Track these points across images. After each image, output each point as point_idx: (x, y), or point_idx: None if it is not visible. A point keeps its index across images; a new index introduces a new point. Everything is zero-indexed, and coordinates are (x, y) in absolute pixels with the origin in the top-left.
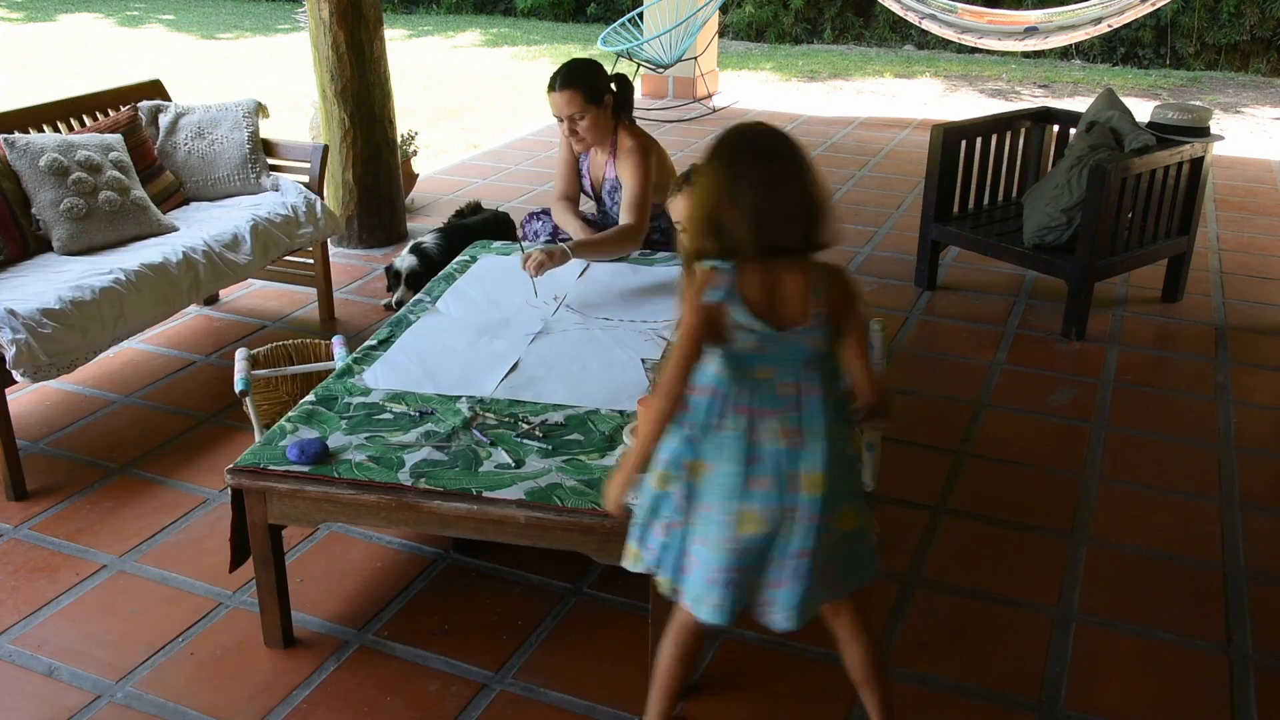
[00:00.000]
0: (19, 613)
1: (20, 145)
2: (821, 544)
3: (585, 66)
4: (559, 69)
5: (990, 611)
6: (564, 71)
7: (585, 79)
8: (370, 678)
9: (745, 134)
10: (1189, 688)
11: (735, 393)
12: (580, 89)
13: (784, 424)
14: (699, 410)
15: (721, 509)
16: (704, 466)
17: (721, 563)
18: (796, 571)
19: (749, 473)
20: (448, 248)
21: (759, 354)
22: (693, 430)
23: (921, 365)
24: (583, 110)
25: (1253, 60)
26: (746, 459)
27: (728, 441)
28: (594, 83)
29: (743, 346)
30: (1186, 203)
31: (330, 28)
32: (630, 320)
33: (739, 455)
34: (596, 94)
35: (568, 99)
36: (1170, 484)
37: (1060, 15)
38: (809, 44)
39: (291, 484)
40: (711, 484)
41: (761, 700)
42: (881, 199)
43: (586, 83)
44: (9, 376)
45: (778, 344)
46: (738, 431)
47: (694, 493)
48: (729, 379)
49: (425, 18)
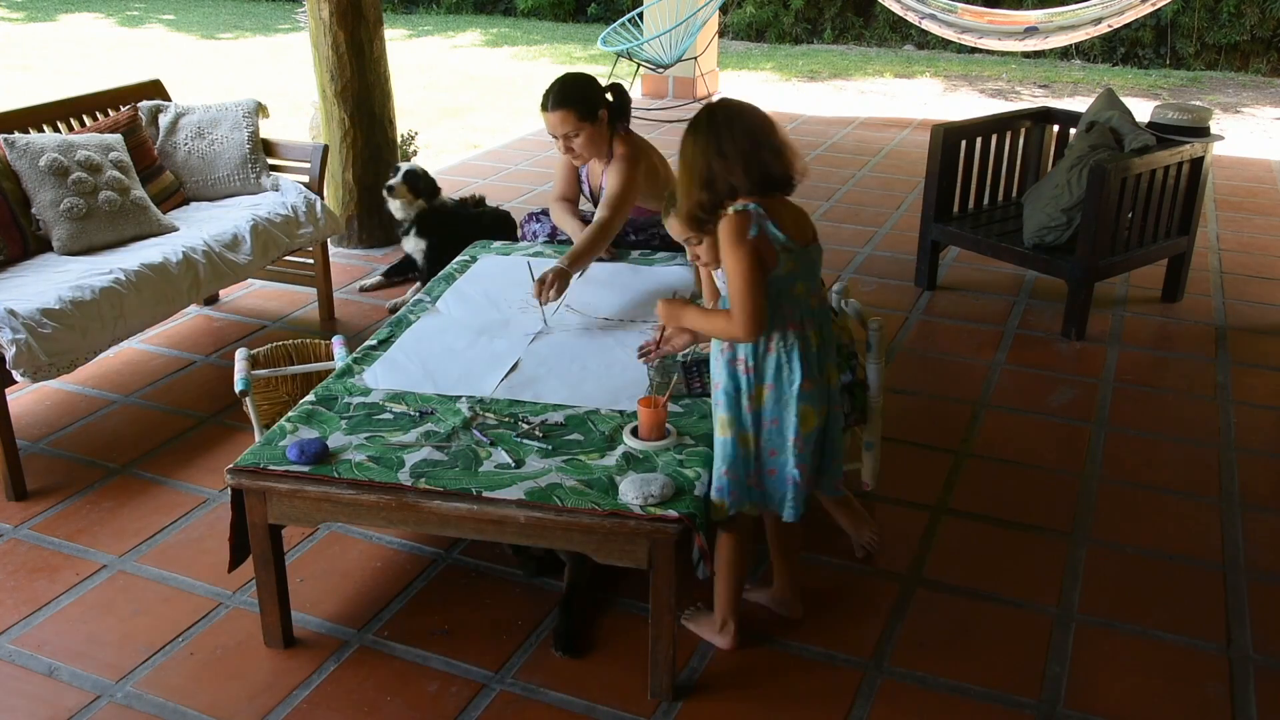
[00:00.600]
0: (19, 613)
1: (20, 145)
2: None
3: (577, 83)
4: (551, 87)
5: (990, 611)
6: (556, 90)
7: (578, 96)
8: (370, 678)
9: (713, 104)
10: (1189, 688)
11: (779, 313)
12: (573, 107)
13: (818, 330)
14: (747, 347)
15: (787, 417)
16: (764, 389)
17: (794, 464)
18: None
19: (804, 377)
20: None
21: (794, 273)
22: (746, 366)
23: (921, 365)
24: (577, 128)
25: (1253, 60)
26: (802, 368)
27: (777, 359)
28: (587, 99)
29: (784, 268)
30: (1186, 203)
31: (330, 28)
32: (630, 320)
33: (794, 366)
34: (590, 110)
35: (560, 118)
36: (1170, 484)
37: (1060, 15)
38: (809, 44)
39: (291, 484)
40: (772, 400)
41: (761, 700)
42: (881, 199)
43: (579, 100)
44: (9, 376)
45: (804, 259)
46: (788, 347)
47: (758, 417)
48: (772, 304)
49: (425, 18)
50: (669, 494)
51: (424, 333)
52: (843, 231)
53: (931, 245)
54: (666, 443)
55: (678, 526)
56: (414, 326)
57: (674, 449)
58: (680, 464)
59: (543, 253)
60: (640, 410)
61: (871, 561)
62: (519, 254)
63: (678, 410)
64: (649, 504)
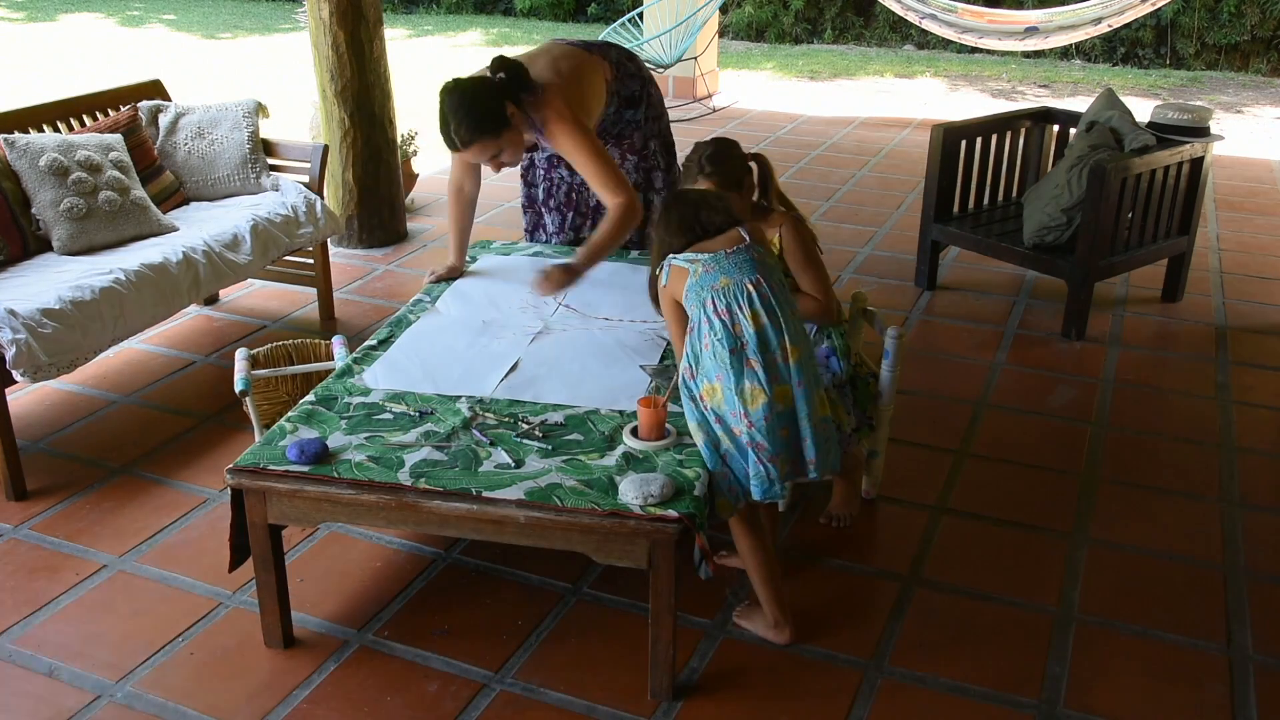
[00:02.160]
0: (19, 613)
1: (20, 145)
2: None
3: (468, 103)
4: (444, 123)
5: (990, 611)
6: (454, 125)
7: (479, 118)
8: (370, 678)
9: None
10: (1189, 688)
11: (705, 309)
12: (485, 135)
13: (754, 314)
14: (689, 351)
15: (731, 401)
16: (714, 386)
17: (749, 438)
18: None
19: (742, 355)
20: None
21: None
22: (690, 371)
23: (921, 365)
24: (497, 146)
25: (1253, 60)
26: (732, 348)
27: (713, 351)
28: (489, 114)
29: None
30: (1186, 203)
31: (330, 28)
32: (630, 320)
33: (727, 347)
34: (498, 121)
35: (478, 151)
36: (1170, 484)
37: (1060, 15)
38: (809, 44)
39: (291, 484)
40: (727, 389)
41: (761, 700)
42: (881, 199)
43: (482, 120)
44: (9, 376)
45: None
46: (719, 337)
47: (721, 412)
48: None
49: (425, 18)
50: (669, 494)
51: (424, 333)
52: (843, 231)
53: (931, 245)
54: (666, 442)
55: (678, 526)
56: (414, 326)
57: (674, 449)
58: (680, 464)
59: (542, 252)
60: (640, 410)
61: (856, 545)
62: (519, 254)
63: (677, 410)
64: (649, 504)
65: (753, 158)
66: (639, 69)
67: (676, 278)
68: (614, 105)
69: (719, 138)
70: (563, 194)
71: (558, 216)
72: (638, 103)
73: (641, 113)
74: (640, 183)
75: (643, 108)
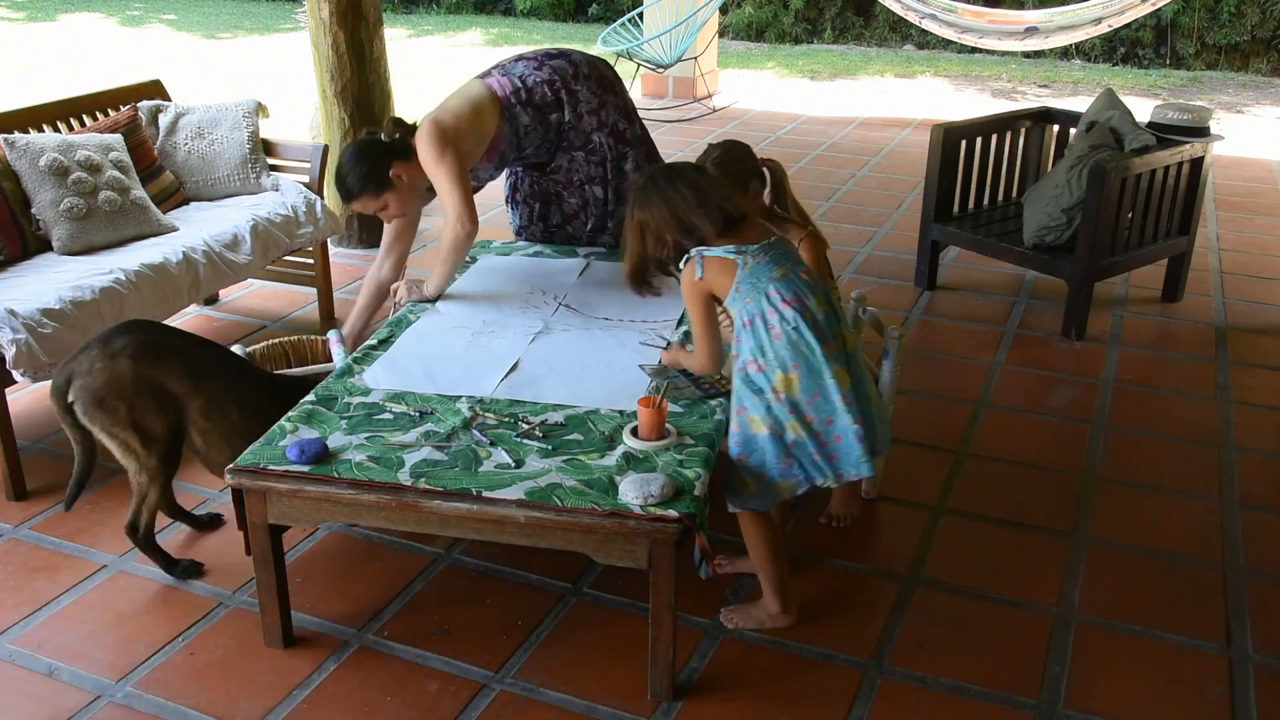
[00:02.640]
0: (19, 613)
1: (20, 145)
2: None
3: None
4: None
5: (990, 611)
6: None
7: (364, 175)
8: (370, 678)
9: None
10: (1189, 688)
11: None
12: (365, 190)
13: (820, 300)
14: (753, 344)
15: (825, 383)
16: (790, 376)
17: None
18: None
19: (821, 342)
20: None
21: (766, 263)
22: (758, 365)
23: (921, 365)
24: (381, 202)
25: (1253, 60)
26: (815, 335)
27: (788, 339)
28: (371, 175)
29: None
30: (1186, 203)
31: (330, 28)
32: (630, 320)
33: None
34: (383, 181)
35: (363, 204)
36: (1170, 484)
37: (1060, 15)
38: (809, 44)
39: (291, 484)
40: (805, 377)
41: (761, 700)
42: (881, 199)
43: (367, 177)
44: (9, 376)
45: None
46: (793, 325)
47: (794, 403)
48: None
49: (425, 18)
50: (669, 494)
51: (424, 333)
52: (843, 231)
53: (931, 245)
54: (666, 443)
55: (678, 526)
56: (414, 326)
57: (674, 449)
58: (680, 464)
59: (543, 251)
60: (640, 410)
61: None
62: (519, 254)
63: (678, 410)
64: (649, 504)
65: (765, 163)
66: (551, 77)
67: (720, 271)
68: (527, 117)
69: (730, 140)
70: (527, 187)
71: (525, 210)
72: (556, 106)
73: (569, 111)
74: (596, 175)
75: (568, 107)
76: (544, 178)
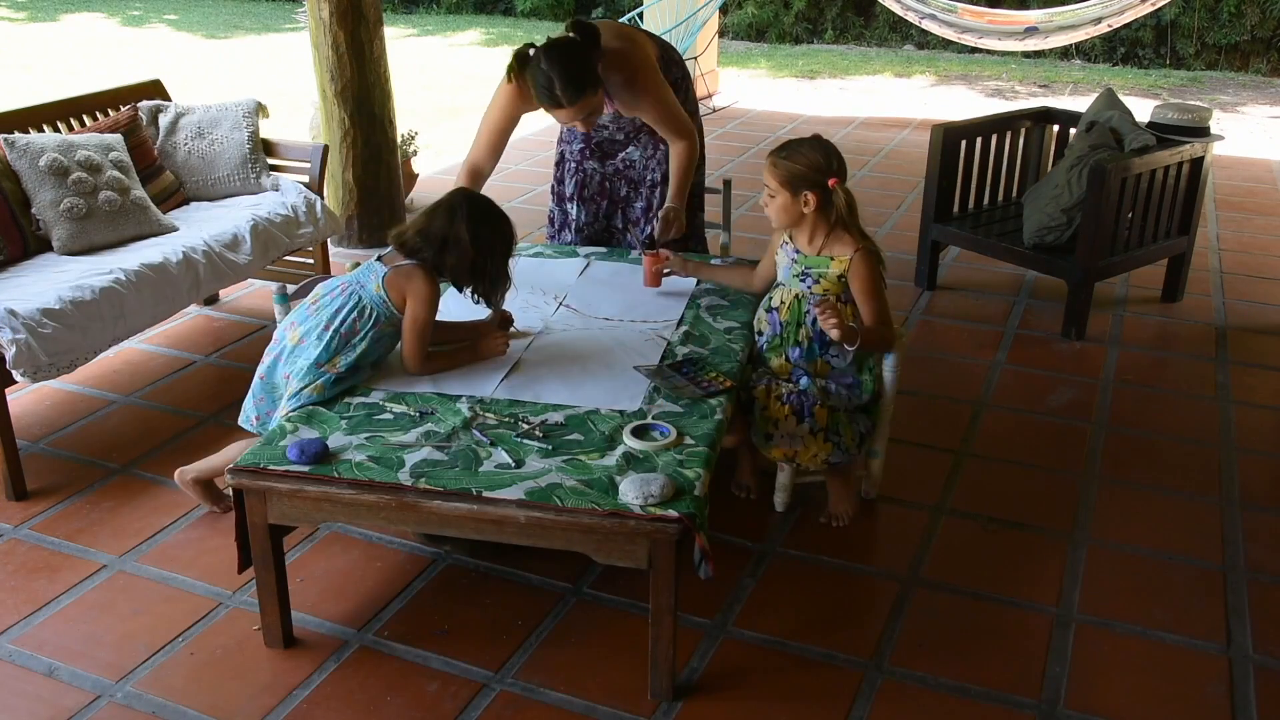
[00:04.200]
0: (19, 613)
1: (20, 145)
2: None
3: (568, 60)
4: (546, 79)
5: (990, 611)
6: (559, 82)
7: (581, 75)
8: (370, 678)
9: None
10: (1189, 688)
11: None
12: (584, 92)
13: None
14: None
15: None
16: None
17: None
18: None
19: None
20: None
21: None
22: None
23: (921, 365)
24: (595, 103)
25: (1253, 60)
26: None
27: None
28: (590, 69)
29: None
30: (1186, 203)
31: (330, 28)
32: (630, 320)
33: None
34: (597, 79)
35: (580, 108)
36: (1170, 484)
37: (1060, 15)
38: (809, 44)
39: (292, 484)
40: None
41: (761, 700)
42: (881, 199)
43: (584, 77)
44: (9, 376)
45: None
46: None
47: None
48: None
49: (425, 18)
50: (669, 494)
51: None
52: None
53: (931, 245)
54: (666, 443)
55: (678, 526)
56: None
57: (674, 449)
58: (680, 464)
59: (543, 251)
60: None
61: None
62: (519, 254)
63: (677, 410)
64: (649, 504)
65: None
66: (680, 60)
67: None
68: None
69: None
70: (595, 184)
71: (591, 208)
72: (678, 90)
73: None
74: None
75: (681, 98)
76: (606, 174)
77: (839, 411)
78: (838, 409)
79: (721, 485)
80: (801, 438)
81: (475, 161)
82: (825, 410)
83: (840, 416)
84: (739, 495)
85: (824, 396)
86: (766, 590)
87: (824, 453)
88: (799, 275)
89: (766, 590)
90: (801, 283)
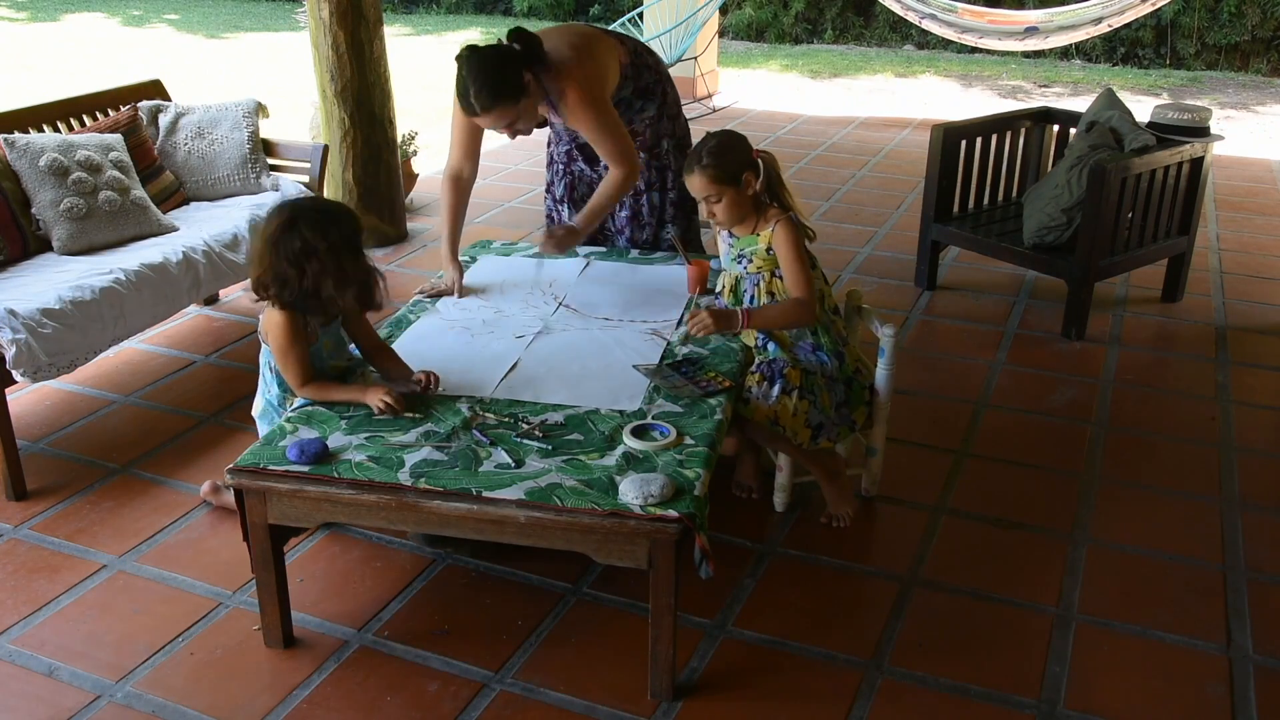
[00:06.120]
0: (19, 613)
1: (20, 145)
2: None
3: (489, 66)
4: (464, 84)
5: (990, 611)
6: (474, 88)
7: (499, 83)
8: (370, 678)
9: None
10: (1189, 688)
11: None
12: (502, 101)
13: None
14: None
15: None
16: None
17: None
18: None
19: None
20: None
21: None
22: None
23: (921, 365)
24: (514, 114)
25: (1253, 60)
26: None
27: None
28: (508, 81)
29: None
30: (1186, 203)
31: (330, 28)
32: (630, 320)
33: None
34: (517, 90)
35: (495, 118)
36: (1170, 484)
37: (1060, 15)
38: (809, 44)
39: (291, 484)
40: None
41: (762, 700)
42: (881, 199)
43: (502, 86)
44: (9, 376)
45: None
46: None
47: None
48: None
49: (426, 17)
50: (669, 494)
51: (424, 333)
52: (843, 231)
53: (931, 245)
54: (666, 442)
55: (678, 526)
56: (414, 326)
57: (674, 449)
58: (680, 464)
59: (543, 253)
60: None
61: (845, 532)
62: (519, 254)
63: (677, 410)
64: (649, 504)
65: (759, 155)
66: (656, 63)
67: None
68: (628, 89)
69: (727, 130)
70: (586, 186)
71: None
72: (652, 95)
73: (655, 108)
74: (655, 181)
75: (656, 103)
76: (596, 177)
77: (814, 375)
78: (811, 372)
79: (721, 485)
80: (777, 396)
81: (454, 167)
82: (798, 371)
83: (816, 380)
84: (739, 495)
85: (794, 359)
86: (766, 590)
87: (803, 409)
88: (735, 259)
89: (766, 590)
90: (738, 265)
